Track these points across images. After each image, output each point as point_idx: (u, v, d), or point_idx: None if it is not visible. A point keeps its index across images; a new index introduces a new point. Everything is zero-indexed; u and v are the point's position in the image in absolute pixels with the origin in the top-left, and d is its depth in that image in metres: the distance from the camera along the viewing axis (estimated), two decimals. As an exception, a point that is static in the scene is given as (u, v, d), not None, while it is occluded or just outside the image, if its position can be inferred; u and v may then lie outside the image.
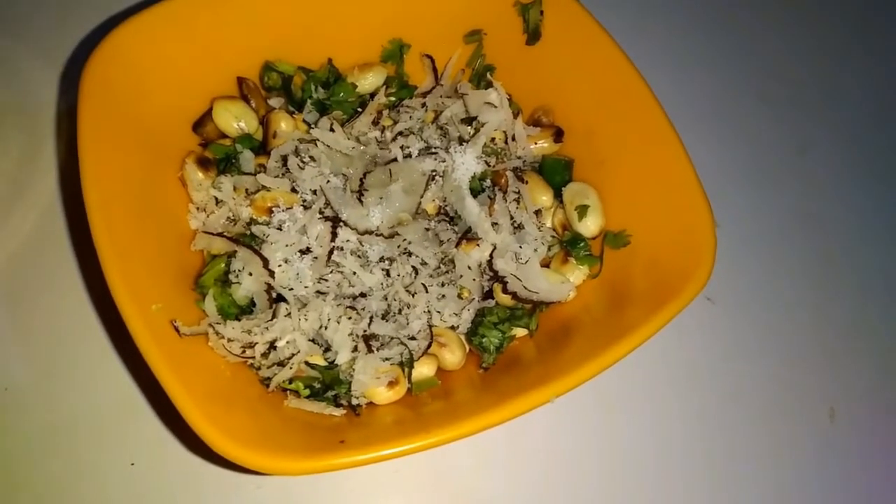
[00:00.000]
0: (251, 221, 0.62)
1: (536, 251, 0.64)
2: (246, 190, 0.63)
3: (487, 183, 0.67)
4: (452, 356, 0.61)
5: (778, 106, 0.92)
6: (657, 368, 0.73)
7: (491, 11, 0.70)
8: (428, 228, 0.64)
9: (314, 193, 0.63)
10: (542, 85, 0.70)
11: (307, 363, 0.58)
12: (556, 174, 0.68)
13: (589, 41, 0.65)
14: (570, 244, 0.65)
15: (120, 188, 0.56)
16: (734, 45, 0.95)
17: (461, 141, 0.68)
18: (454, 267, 0.63)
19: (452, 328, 0.62)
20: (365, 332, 0.59)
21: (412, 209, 0.64)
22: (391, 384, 0.57)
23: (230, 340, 0.56)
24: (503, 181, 0.66)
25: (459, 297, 0.63)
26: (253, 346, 0.57)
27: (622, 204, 0.65)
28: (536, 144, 0.69)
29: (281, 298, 0.59)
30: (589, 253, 0.64)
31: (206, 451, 0.47)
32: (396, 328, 0.60)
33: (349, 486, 0.65)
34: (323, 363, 0.58)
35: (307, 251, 0.60)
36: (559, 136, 0.69)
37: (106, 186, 0.54)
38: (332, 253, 0.60)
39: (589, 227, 0.65)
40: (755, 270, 0.81)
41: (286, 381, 0.57)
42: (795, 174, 0.88)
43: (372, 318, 0.60)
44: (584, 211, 0.64)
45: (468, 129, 0.69)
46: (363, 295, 0.61)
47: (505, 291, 0.62)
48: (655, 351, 0.70)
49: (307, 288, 0.60)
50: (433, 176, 0.65)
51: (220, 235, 0.62)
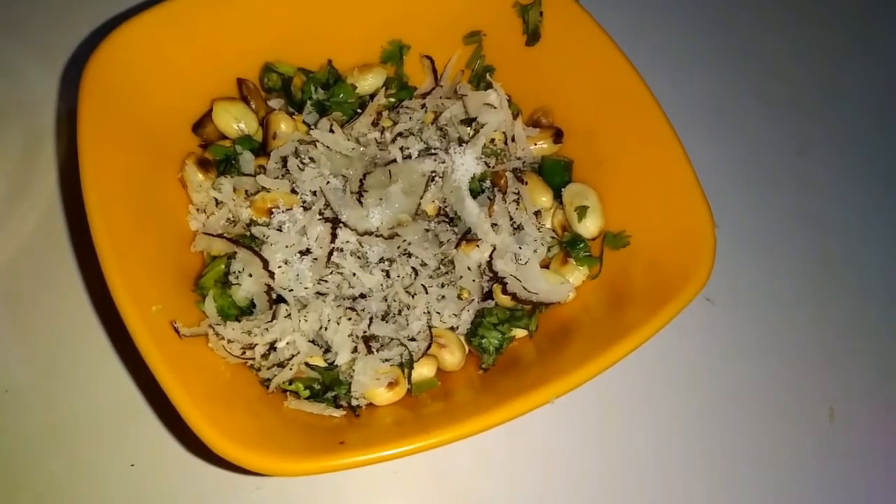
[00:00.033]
0: (251, 223, 0.62)
1: (536, 252, 0.64)
2: (246, 191, 0.63)
3: (487, 184, 0.67)
4: (452, 357, 0.61)
5: (777, 106, 0.92)
6: (657, 369, 0.73)
7: (490, 12, 0.70)
8: (428, 229, 0.64)
9: (314, 194, 0.63)
10: (541, 86, 0.70)
11: (307, 364, 0.58)
12: (555, 175, 0.68)
13: (588, 42, 0.65)
14: (569, 245, 0.65)
15: (120, 189, 0.56)
16: (734, 45, 0.95)
17: (461, 142, 0.68)
18: (454, 268, 0.63)
19: (452, 329, 0.63)
20: (365, 333, 0.59)
21: (412, 210, 0.64)
22: (391, 385, 0.57)
23: (230, 341, 0.56)
24: (503, 182, 0.66)
25: (459, 297, 0.63)
26: (253, 347, 0.57)
27: (621, 205, 0.65)
28: (536, 145, 0.69)
29: (281, 299, 0.59)
30: (588, 254, 0.64)
31: (205, 452, 0.48)
32: (396, 329, 0.60)
33: (349, 486, 0.65)
34: (323, 364, 0.58)
35: (307, 252, 0.60)
36: (559, 136, 0.69)
37: (106, 187, 0.55)
38: (331, 254, 0.60)
39: (588, 227, 0.65)
40: (755, 271, 0.81)
41: (286, 382, 0.57)
42: (795, 174, 0.88)
43: (372, 319, 0.60)
44: (583, 212, 0.64)
45: (468, 130, 0.69)
46: (363, 296, 0.61)
47: (504, 292, 0.62)
48: (655, 351, 0.70)
49: (307, 289, 0.60)
50: (433, 177, 0.65)
51: (219, 237, 0.62)
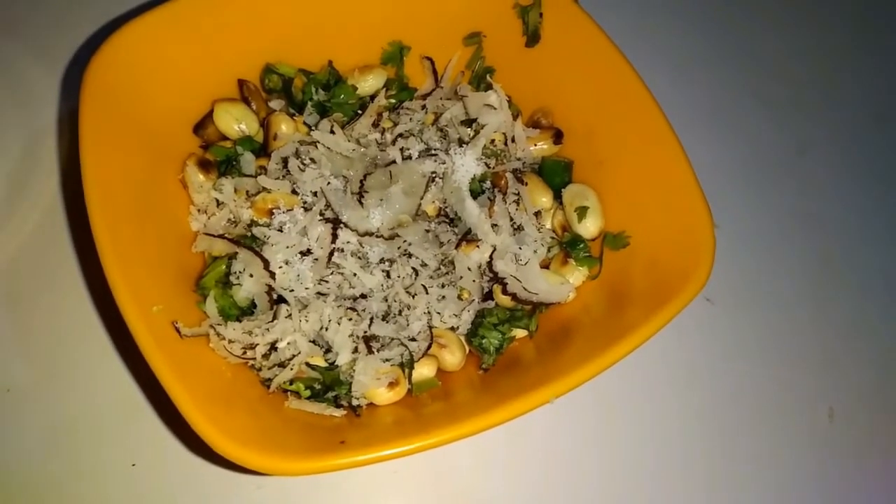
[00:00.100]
0: (252, 223, 0.62)
1: (536, 252, 0.64)
2: (247, 192, 0.63)
3: (487, 184, 0.67)
4: (452, 357, 0.61)
5: (777, 106, 0.92)
6: (657, 369, 0.73)
7: (490, 13, 0.70)
8: (428, 230, 0.64)
9: (315, 195, 0.63)
10: (541, 87, 0.70)
11: (308, 364, 0.58)
12: (555, 176, 0.68)
13: (588, 43, 0.65)
14: (569, 245, 0.65)
15: (121, 190, 0.56)
16: (733, 45, 0.95)
17: (461, 143, 0.68)
18: (454, 268, 0.63)
19: (452, 329, 0.63)
20: (365, 333, 0.59)
21: (412, 211, 0.64)
22: (391, 385, 0.57)
23: (231, 342, 0.57)
24: (503, 183, 0.66)
25: (459, 298, 0.63)
26: (254, 347, 0.57)
27: (621, 205, 0.65)
28: (536, 146, 0.69)
29: (282, 300, 0.59)
30: (588, 254, 0.65)
31: (206, 451, 0.48)
32: (397, 329, 0.60)
33: (349, 486, 0.66)
34: (323, 364, 0.58)
35: (308, 253, 0.61)
36: (558, 137, 0.69)
37: (107, 188, 0.55)
38: (332, 254, 0.60)
39: (588, 228, 0.65)
40: (754, 271, 0.81)
41: (287, 382, 0.57)
42: (795, 174, 0.88)
43: (372, 319, 0.60)
44: (583, 212, 0.65)
45: (468, 130, 0.69)
46: (363, 296, 0.61)
47: (505, 293, 0.62)
48: (655, 351, 0.70)
49: (308, 289, 0.60)
50: (433, 178, 0.65)
51: (220, 237, 0.62)
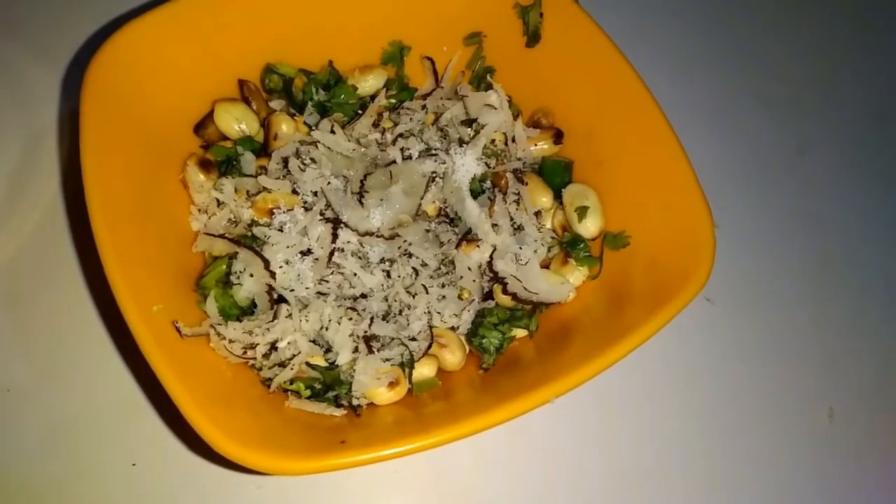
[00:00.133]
0: (252, 223, 0.62)
1: (536, 252, 0.64)
2: (247, 192, 0.63)
3: (487, 184, 0.67)
4: (453, 357, 0.61)
5: (777, 106, 0.92)
6: (657, 369, 0.73)
7: (491, 13, 0.70)
8: (428, 230, 0.64)
9: (315, 195, 0.63)
10: (541, 87, 0.70)
11: (308, 364, 0.58)
12: (555, 175, 0.68)
13: (588, 43, 0.65)
14: (569, 245, 0.65)
15: (122, 190, 0.56)
16: (733, 45, 0.95)
17: (461, 142, 0.68)
18: (454, 268, 0.63)
19: (453, 329, 0.63)
20: (366, 332, 0.59)
21: (412, 211, 0.64)
22: (392, 385, 0.57)
23: (231, 341, 0.57)
24: (503, 183, 0.66)
25: (460, 298, 0.63)
26: (254, 346, 0.57)
27: (622, 205, 0.65)
28: (536, 146, 0.69)
29: (282, 299, 0.60)
30: (588, 254, 0.65)
31: (207, 451, 0.48)
32: (397, 329, 0.60)
33: (349, 486, 0.66)
34: (324, 364, 0.58)
35: (308, 252, 0.61)
36: (559, 137, 0.69)
37: (108, 188, 0.55)
38: (332, 254, 0.60)
39: (588, 228, 0.65)
40: (754, 271, 0.81)
41: (287, 381, 0.57)
42: (795, 174, 0.88)
43: (372, 318, 0.60)
44: (583, 212, 0.65)
45: (468, 130, 0.69)
46: (364, 296, 0.61)
47: (505, 292, 0.62)
48: (655, 351, 0.70)
49: (308, 289, 0.60)
50: (433, 177, 0.65)
51: (221, 237, 0.62)
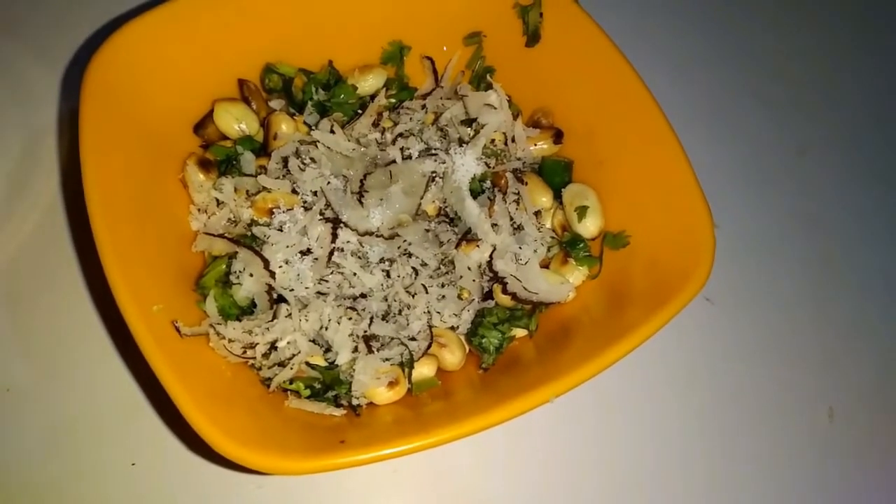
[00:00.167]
0: (252, 223, 0.62)
1: (536, 252, 0.64)
2: (247, 191, 0.63)
3: (487, 184, 0.67)
4: (452, 357, 0.61)
5: (777, 106, 0.92)
6: (656, 368, 0.73)
7: (491, 13, 0.70)
8: (428, 229, 0.64)
9: (315, 195, 0.63)
10: (541, 87, 0.70)
11: (308, 364, 0.58)
12: (555, 175, 0.68)
13: (588, 43, 0.65)
14: (569, 245, 0.65)
15: (121, 189, 0.56)
16: (733, 45, 0.95)
17: (461, 142, 0.68)
18: (454, 268, 0.63)
19: (452, 329, 0.63)
20: (365, 332, 0.59)
21: (412, 210, 0.64)
22: (391, 384, 0.57)
23: (231, 341, 0.57)
24: (503, 182, 0.66)
25: (459, 297, 0.63)
26: (254, 346, 0.57)
27: (621, 205, 0.65)
28: (536, 146, 0.69)
29: (282, 299, 0.60)
30: (588, 254, 0.65)
31: (206, 450, 0.48)
32: (396, 329, 0.60)
33: (349, 485, 0.66)
34: (323, 363, 0.58)
35: (308, 252, 0.61)
36: (559, 137, 0.69)
37: (108, 187, 0.55)
38: (332, 254, 0.60)
39: (588, 227, 0.65)
40: (754, 271, 0.81)
41: (287, 381, 0.57)
42: (795, 174, 0.88)
43: (372, 318, 0.60)
44: (583, 212, 0.65)
45: (468, 130, 0.69)
46: (363, 296, 0.61)
47: (505, 292, 0.62)
48: (655, 351, 0.70)
49: (308, 289, 0.60)
50: (433, 177, 0.65)
51: (220, 237, 0.62)
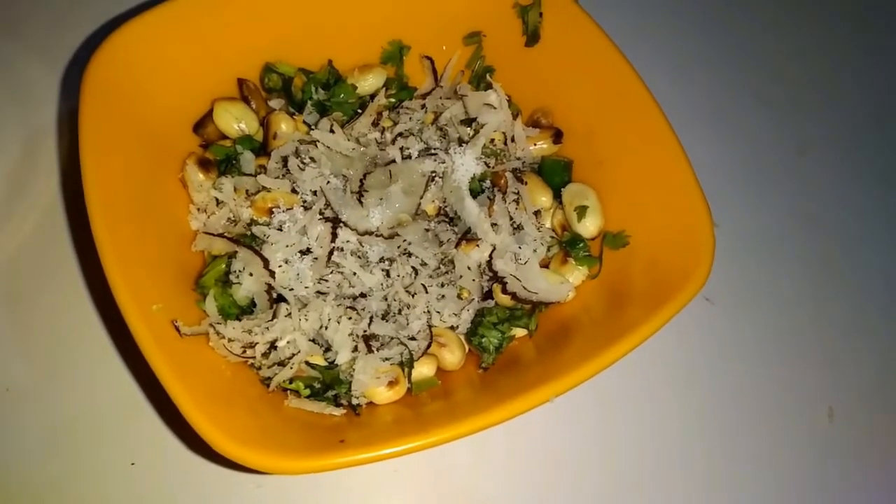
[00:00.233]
0: (252, 222, 0.62)
1: (536, 252, 0.64)
2: (246, 191, 0.64)
3: (487, 184, 0.67)
4: (452, 356, 0.61)
5: (777, 106, 0.92)
6: (656, 368, 0.73)
7: (490, 13, 0.70)
8: (428, 229, 0.64)
9: (314, 194, 0.63)
10: (541, 86, 0.70)
11: (307, 363, 0.58)
12: (555, 175, 0.68)
13: (588, 43, 0.65)
14: (569, 245, 0.65)
15: (121, 189, 0.56)
16: (733, 45, 0.95)
17: (461, 142, 0.68)
18: (454, 267, 0.63)
19: (452, 328, 0.63)
20: (365, 332, 0.59)
21: (412, 210, 0.64)
22: (391, 384, 0.57)
23: (231, 340, 0.57)
24: (502, 182, 0.66)
25: (459, 297, 0.63)
26: (253, 346, 0.57)
27: (621, 204, 0.65)
28: (536, 145, 0.69)
29: (281, 299, 0.60)
30: (588, 253, 0.65)
31: (206, 450, 0.48)
32: (396, 328, 0.60)
33: (349, 485, 0.66)
34: (323, 363, 0.58)
35: (307, 252, 0.61)
36: (558, 137, 0.69)
37: (107, 187, 0.55)
38: (332, 253, 0.60)
39: (588, 227, 0.65)
40: (754, 271, 0.81)
41: (286, 380, 0.57)
42: (795, 174, 0.88)
43: (372, 318, 0.60)
44: (583, 212, 0.65)
45: (468, 130, 0.69)
46: (363, 295, 0.61)
47: (504, 292, 0.62)
48: (654, 351, 0.70)
49: (307, 288, 0.60)
50: (433, 177, 0.65)
51: (220, 236, 0.62)
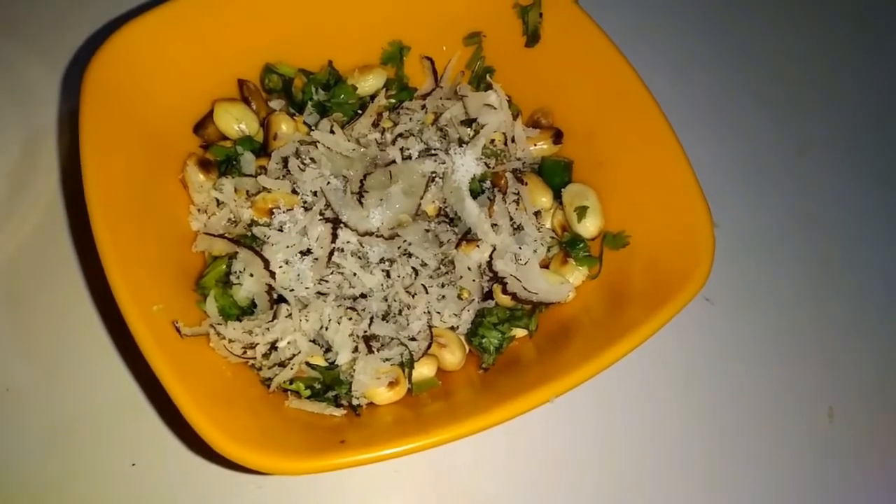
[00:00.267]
0: (252, 223, 0.62)
1: (536, 252, 0.64)
2: (247, 191, 0.64)
3: (487, 184, 0.67)
4: (452, 357, 0.61)
5: (777, 106, 0.92)
6: (656, 368, 0.73)
7: (490, 13, 0.70)
8: (428, 230, 0.64)
9: (315, 195, 0.63)
10: (541, 87, 0.70)
11: (308, 364, 0.58)
12: (555, 175, 0.68)
13: (588, 43, 0.65)
14: (569, 245, 0.65)
15: (122, 190, 0.56)
16: (733, 45, 0.95)
17: (461, 142, 0.68)
18: (454, 268, 0.63)
19: (452, 329, 0.63)
20: (365, 332, 0.59)
21: (412, 210, 0.64)
22: (391, 384, 0.57)
23: (231, 341, 0.57)
24: (503, 182, 0.66)
25: (459, 297, 0.63)
26: (254, 346, 0.57)
27: (621, 205, 0.65)
28: (536, 146, 0.69)
29: (282, 299, 0.60)
30: (588, 254, 0.65)
31: (206, 450, 0.48)
32: (397, 329, 0.60)
33: (349, 485, 0.66)
34: (323, 364, 0.58)
35: (308, 252, 0.61)
36: (558, 137, 0.69)
37: (108, 188, 0.55)
38: (332, 254, 0.60)
39: (588, 228, 0.65)
40: (754, 271, 0.81)
41: (287, 381, 0.57)
42: (795, 174, 0.88)
43: (372, 318, 0.60)
44: (583, 212, 0.65)
45: (468, 130, 0.69)
46: (363, 296, 0.61)
47: (504, 292, 0.62)
48: (654, 351, 0.70)
49: (308, 289, 0.60)
50: (433, 177, 0.65)
51: (221, 237, 0.62)
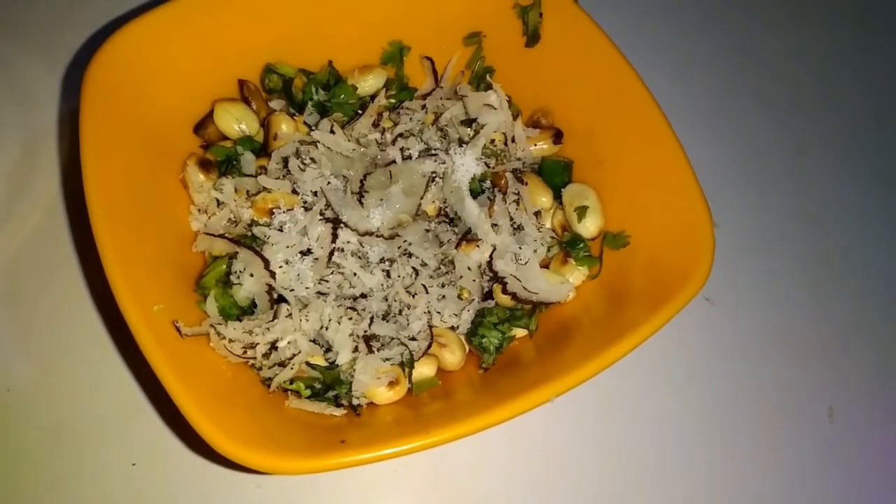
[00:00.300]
0: (252, 223, 0.62)
1: (536, 252, 0.64)
2: (247, 192, 0.64)
3: (487, 184, 0.67)
4: (452, 356, 0.61)
5: (777, 106, 0.92)
6: (656, 368, 0.73)
7: (490, 13, 0.70)
8: (428, 230, 0.64)
9: (315, 195, 0.63)
10: (541, 87, 0.70)
11: (308, 363, 0.58)
12: (555, 175, 0.68)
13: (588, 43, 0.65)
14: (569, 245, 0.65)
15: (122, 190, 0.56)
16: (733, 45, 0.95)
17: (461, 142, 0.68)
18: (454, 268, 0.63)
19: (452, 329, 0.63)
20: (365, 332, 0.59)
21: (412, 210, 0.64)
22: (391, 384, 0.57)
23: (231, 341, 0.57)
24: (503, 182, 0.66)
25: (459, 297, 0.63)
26: (254, 346, 0.57)
27: (621, 205, 0.65)
28: (536, 146, 0.69)
29: (282, 299, 0.60)
30: (588, 254, 0.65)
31: (207, 450, 0.48)
32: (397, 329, 0.60)
33: (349, 485, 0.66)
34: (324, 363, 0.58)
35: (308, 252, 0.61)
36: (558, 137, 0.69)
37: (108, 188, 0.55)
38: (332, 254, 0.60)
39: (588, 227, 0.65)
40: (754, 271, 0.81)
41: (287, 381, 0.58)
42: (795, 174, 0.88)
43: (372, 318, 0.60)
44: (583, 212, 0.65)
45: (468, 130, 0.69)
46: (364, 296, 0.61)
47: (505, 292, 0.62)
48: (655, 351, 0.70)
49: (308, 289, 0.60)
50: (433, 177, 0.65)
51: (221, 237, 0.62)
